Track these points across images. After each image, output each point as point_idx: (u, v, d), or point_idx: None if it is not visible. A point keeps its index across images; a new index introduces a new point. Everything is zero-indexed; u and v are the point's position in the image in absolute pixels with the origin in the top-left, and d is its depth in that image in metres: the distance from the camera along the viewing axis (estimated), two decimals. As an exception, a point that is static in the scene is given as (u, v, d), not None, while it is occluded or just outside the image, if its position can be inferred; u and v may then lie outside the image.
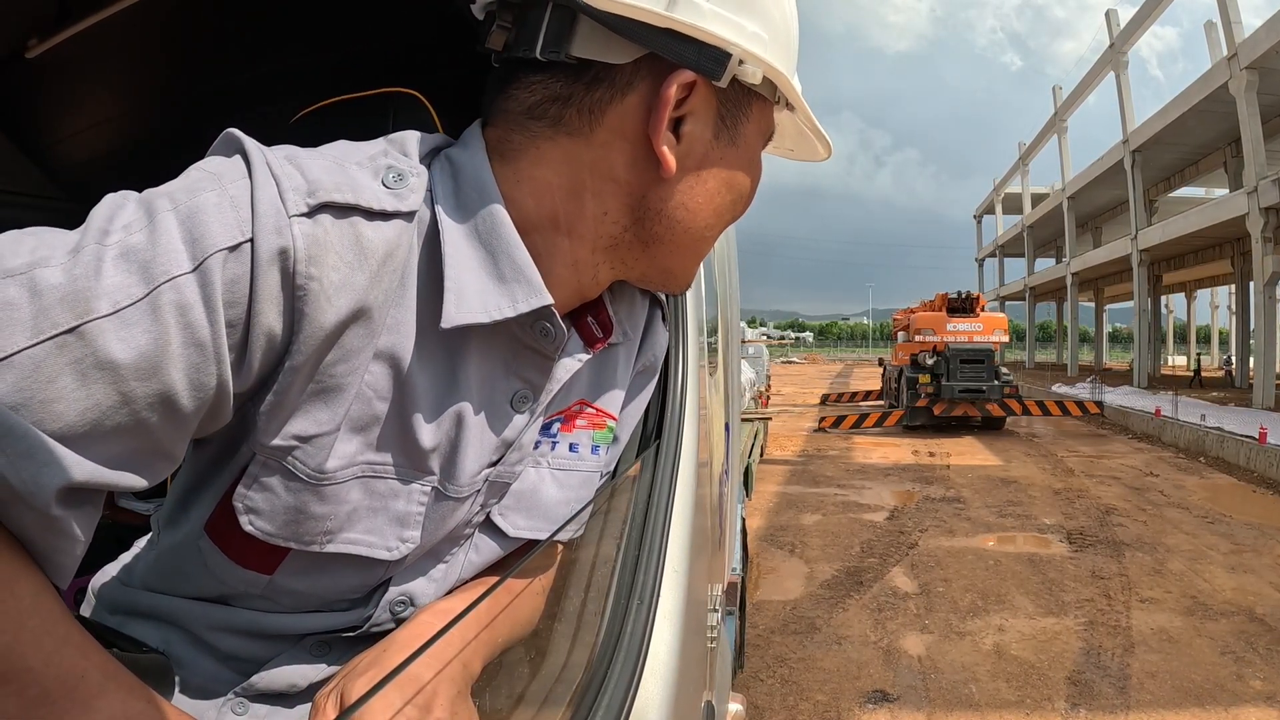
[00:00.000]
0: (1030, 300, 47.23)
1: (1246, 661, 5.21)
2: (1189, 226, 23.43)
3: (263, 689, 0.79)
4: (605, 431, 0.89)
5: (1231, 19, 19.86)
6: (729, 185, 0.81)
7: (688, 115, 0.75)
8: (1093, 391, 22.78)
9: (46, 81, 2.03)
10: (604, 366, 0.90)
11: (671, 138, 0.75)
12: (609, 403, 0.90)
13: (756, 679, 4.94)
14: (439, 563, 0.84)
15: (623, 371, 0.92)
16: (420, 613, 0.83)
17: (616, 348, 0.91)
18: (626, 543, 0.95)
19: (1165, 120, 24.06)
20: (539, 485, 0.85)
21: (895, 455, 14.51)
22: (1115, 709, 4.58)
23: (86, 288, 0.53)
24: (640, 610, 0.88)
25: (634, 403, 0.96)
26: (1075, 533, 8.61)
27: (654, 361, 0.97)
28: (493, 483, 0.82)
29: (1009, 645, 5.51)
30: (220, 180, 0.60)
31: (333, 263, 0.62)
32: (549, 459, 0.86)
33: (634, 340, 0.93)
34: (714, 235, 0.84)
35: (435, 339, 0.72)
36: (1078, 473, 12.55)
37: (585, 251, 0.78)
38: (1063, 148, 38.24)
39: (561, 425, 0.87)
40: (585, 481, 0.88)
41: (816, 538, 8.41)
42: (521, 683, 0.91)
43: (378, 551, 0.76)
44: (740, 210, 0.85)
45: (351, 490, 0.72)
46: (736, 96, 0.78)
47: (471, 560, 0.85)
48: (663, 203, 0.77)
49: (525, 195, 0.75)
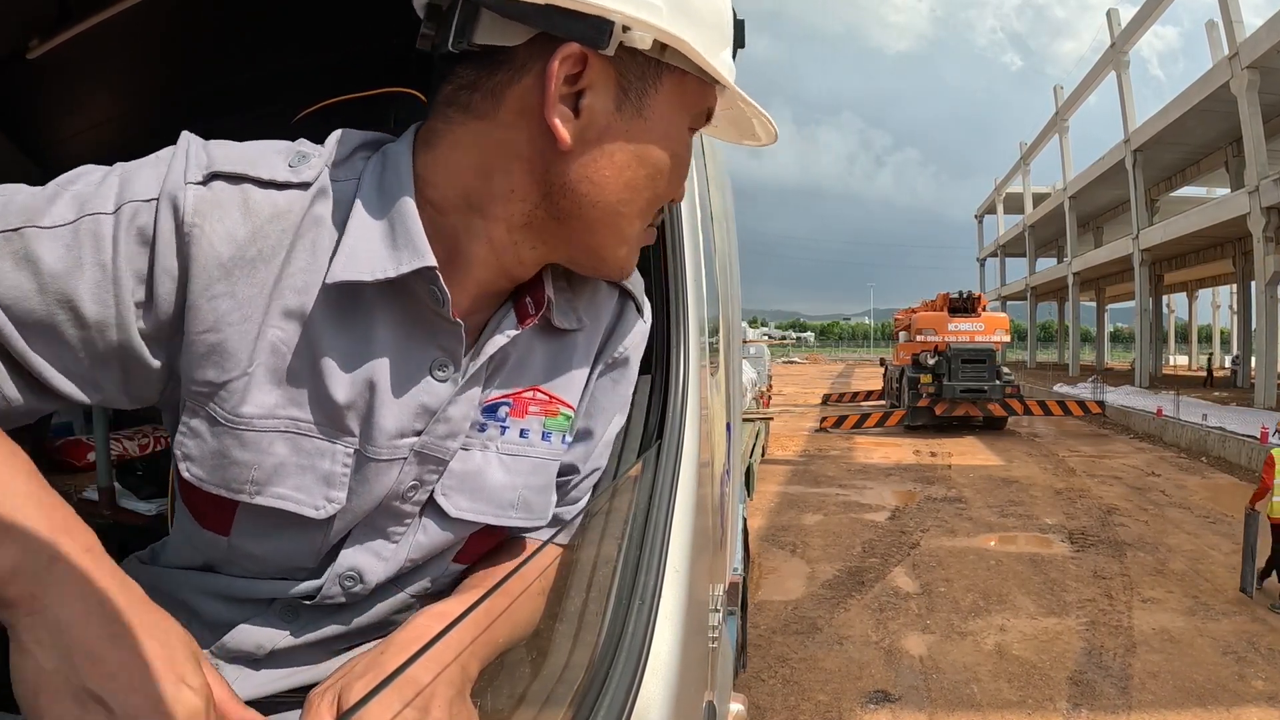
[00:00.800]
0: (1031, 300, 47.23)
1: (1248, 662, 5.21)
2: (1190, 226, 23.43)
3: (232, 649, 0.85)
4: (558, 419, 0.90)
5: (1232, 18, 19.86)
6: (639, 158, 0.81)
7: (586, 89, 0.77)
8: (1094, 391, 22.77)
9: (47, 82, 2.03)
10: (560, 354, 0.91)
11: (567, 111, 0.77)
12: (565, 390, 0.91)
13: (758, 679, 4.94)
14: (386, 541, 0.86)
15: (581, 360, 0.93)
16: (417, 615, 0.83)
17: (574, 335, 0.92)
18: (628, 543, 0.94)
19: (1166, 120, 24.06)
20: (485, 468, 0.87)
21: (897, 455, 14.50)
22: (1117, 709, 4.58)
23: (38, 207, 0.71)
24: (641, 610, 0.88)
25: (609, 397, 0.96)
26: (1077, 533, 8.61)
27: (625, 354, 0.96)
28: (421, 454, 0.84)
29: (1011, 645, 5.50)
30: (158, 159, 0.77)
31: (218, 216, 0.74)
32: (498, 443, 0.87)
33: (596, 330, 0.94)
34: (634, 212, 0.83)
35: (348, 301, 0.78)
36: (1079, 472, 12.55)
37: (501, 230, 0.81)
38: (1064, 147, 38.23)
39: (511, 410, 0.88)
40: (536, 469, 0.89)
41: (818, 538, 8.41)
42: (523, 683, 0.91)
43: (305, 509, 0.80)
44: (664, 187, 0.84)
45: (275, 443, 0.78)
46: (640, 68, 0.78)
47: (419, 541, 0.87)
48: (566, 177, 0.79)
49: (441, 177, 0.80)
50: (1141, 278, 27.76)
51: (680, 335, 1.17)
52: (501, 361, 0.87)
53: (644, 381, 1.14)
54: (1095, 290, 41.76)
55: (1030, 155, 45.67)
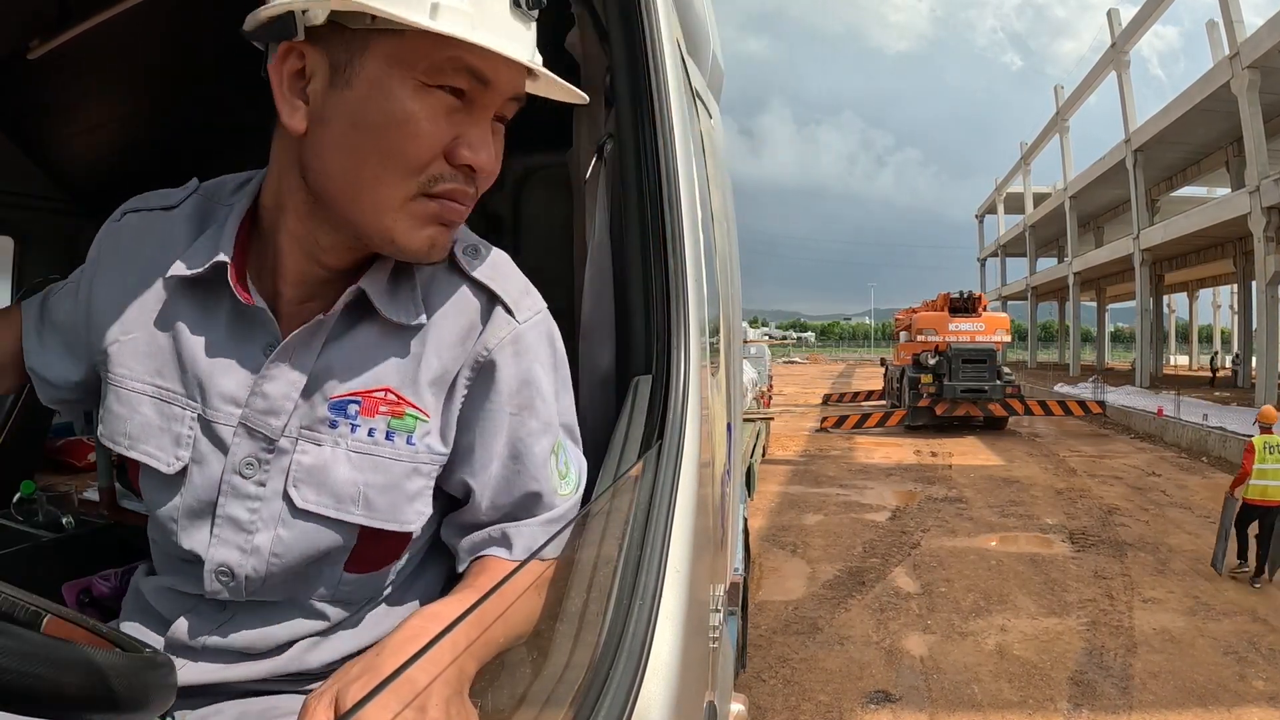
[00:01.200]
0: (1032, 300, 47.18)
1: (1249, 662, 5.21)
2: (1191, 226, 23.40)
3: (173, 640, 0.97)
4: (404, 419, 0.93)
5: (1233, 18, 19.84)
6: (355, 125, 0.84)
7: (311, 76, 0.85)
8: (1095, 391, 22.76)
9: (48, 82, 2.03)
10: (411, 355, 0.95)
11: (298, 101, 0.86)
12: (416, 393, 0.94)
13: (759, 679, 4.94)
14: (242, 530, 0.94)
15: (436, 362, 0.95)
16: (412, 617, 0.85)
17: (425, 336, 0.95)
18: (628, 543, 0.94)
19: (1167, 120, 24.02)
20: (331, 464, 0.92)
21: (897, 455, 14.50)
22: (1118, 709, 4.58)
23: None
24: (642, 610, 0.88)
25: (487, 408, 0.96)
26: (1078, 533, 8.60)
27: (489, 357, 0.96)
28: (249, 429, 0.93)
29: (1011, 645, 5.50)
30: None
31: (108, 233, 1.04)
32: (348, 440, 0.92)
33: (455, 332, 0.96)
34: (374, 178, 0.86)
35: (200, 292, 0.96)
36: (1080, 472, 12.54)
37: (294, 221, 0.92)
38: (1064, 147, 38.18)
39: (362, 409, 0.93)
40: (379, 467, 0.93)
41: (818, 538, 8.41)
42: (523, 683, 0.91)
43: (159, 464, 0.95)
44: (409, 149, 0.85)
45: (143, 404, 0.96)
46: (347, 42, 0.83)
47: (282, 536, 0.93)
48: (308, 160, 0.88)
49: (265, 186, 0.97)
50: (1142, 278, 27.73)
51: (680, 335, 1.16)
52: (346, 357, 0.93)
53: (644, 381, 1.14)
54: (1096, 290, 41.73)
55: (1031, 155, 45.62)
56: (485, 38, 0.82)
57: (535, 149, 2.01)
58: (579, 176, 1.49)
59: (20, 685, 0.57)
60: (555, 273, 1.93)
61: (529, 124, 1.95)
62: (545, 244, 1.97)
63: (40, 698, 0.58)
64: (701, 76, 2.13)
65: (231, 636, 0.96)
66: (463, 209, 0.91)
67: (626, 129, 1.24)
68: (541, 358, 1.00)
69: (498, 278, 0.99)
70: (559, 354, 1.04)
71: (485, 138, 0.88)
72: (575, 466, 1.03)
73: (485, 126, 0.89)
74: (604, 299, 1.26)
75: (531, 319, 0.99)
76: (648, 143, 1.22)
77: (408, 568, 1.04)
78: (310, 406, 0.93)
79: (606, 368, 1.25)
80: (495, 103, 0.89)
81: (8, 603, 0.67)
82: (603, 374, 1.25)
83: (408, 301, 0.95)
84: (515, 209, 2.04)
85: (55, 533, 2.05)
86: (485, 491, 0.97)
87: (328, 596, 0.98)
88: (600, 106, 1.39)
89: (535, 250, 2.00)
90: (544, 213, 2.00)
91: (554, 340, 1.03)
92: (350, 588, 0.98)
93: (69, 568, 1.57)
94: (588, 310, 1.29)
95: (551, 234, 1.94)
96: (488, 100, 0.88)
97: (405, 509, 0.94)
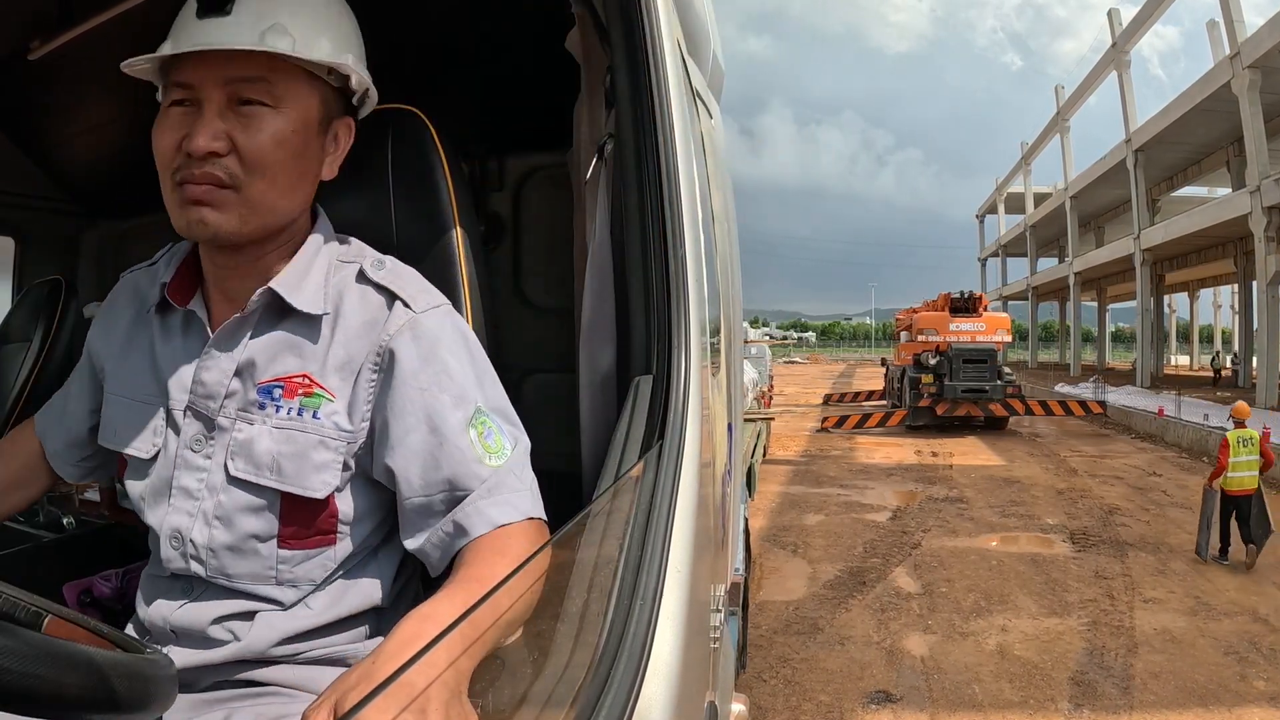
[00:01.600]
0: (1033, 300, 47.14)
1: (1250, 662, 5.20)
2: (1191, 226, 23.39)
3: (147, 621, 1.13)
4: (313, 398, 1.08)
5: (1234, 18, 19.83)
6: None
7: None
8: (1095, 391, 22.75)
9: (49, 83, 2.03)
10: (320, 343, 1.10)
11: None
12: (325, 375, 1.09)
13: (759, 679, 4.94)
14: (191, 498, 1.10)
15: (338, 350, 1.09)
16: (405, 621, 0.86)
17: (326, 326, 1.10)
18: (629, 543, 0.94)
19: (1168, 119, 24.01)
20: (257, 438, 1.08)
21: (898, 455, 14.50)
22: (1119, 709, 4.58)
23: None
24: (643, 611, 0.88)
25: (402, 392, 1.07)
26: (1078, 533, 8.60)
27: (387, 345, 1.08)
28: (195, 411, 1.12)
29: (1012, 646, 5.50)
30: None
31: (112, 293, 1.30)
32: (273, 419, 1.08)
33: (356, 324, 1.10)
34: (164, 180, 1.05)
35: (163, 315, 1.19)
36: (1081, 473, 12.53)
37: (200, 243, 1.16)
38: (1065, 147, 38.15)
39: (284, 392, 1.09)
40: (290, 439, 1.07)
41: (819, 538, 8.40)
42: (524, 683, 0.91)
43: (140, 453, 1.15)
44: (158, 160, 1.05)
45: (131, 407, 1.18)
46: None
47: (221, 501, 1.09)
48: None
49: None
50: (1143, 277, 27.73)
51: (681, 335, 1.16)
52: (268, 349, 1.10)
53: (645, 382, 1.14)
54: (1096, 290, 41.69)
55: (1031, 155, 45.59)
56: (169, 48, 1.03)
57: (535, 149, 2.01)
58: (579, 177, 1.49)
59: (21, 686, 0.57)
60: (556, 273, 1.93)
61: (529, 124, 1.96)
62: (545, 244, 1.97)
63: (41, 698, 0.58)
64: (702, 76, 2.13)
65: (193, 615, 1.10)
66: (199, 188, 1.02)
67: (627, 129, 1.24)
68: (446, 343, 1.10)
69: (397, 280, 1.13)
70: (470, 343, 1.14)
71: (201, 126, 1.01)
72: (509, 441, 1.09)
73: (207, 117, 1.02)
74: (604, 299, 1.26)
75: (428, 310, 1.11)
76: (648, 143, 1.22)
77: (350, 563, 1.13)
78: (244, 391, 1.10)
79: (607, 368, 1.25)
80: (212, 95, 1.02)
81: (9, 603, 0.67)
82: (603, 374, 1.25)
83: (317, 296, 1.11)
84: (515, 209, 2.04)
85: (56, 533, 2.05)
86: (411, 467, 1.06)
87: (272, 577, 1.09)
88: (601, 107, 1.39)
89: (535, 250, 2.00)
90: (544, 213, 2.00)
91: (461, 330, 1.14)
92: (288, 566, 1.10)
93: (70, 568, 1.57)
94: (588, 310, 1.29)
95: (552, 234, 1.94)
96: (204, 95, 1.03)
97: (311, 476, 1.07)
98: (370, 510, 1.13)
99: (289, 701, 1.09)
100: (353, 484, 1.11)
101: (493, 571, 0.93)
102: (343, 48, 1.11)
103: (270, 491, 1.08)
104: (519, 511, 1.04)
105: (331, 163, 1.16)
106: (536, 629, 0.90)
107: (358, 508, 1.11)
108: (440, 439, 1.05)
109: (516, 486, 1.06)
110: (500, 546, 1.00)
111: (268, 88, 1.04)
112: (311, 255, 1.14)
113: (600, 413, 1.24)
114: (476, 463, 1.05)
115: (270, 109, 1.04)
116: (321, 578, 1.11)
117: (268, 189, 1.05)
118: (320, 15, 1.09)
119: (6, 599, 0.67)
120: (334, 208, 1.25)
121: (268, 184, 1.05)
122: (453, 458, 1.04)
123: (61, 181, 2.54)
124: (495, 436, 1.08)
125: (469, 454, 1.05)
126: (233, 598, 1.10)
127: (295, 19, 1.04)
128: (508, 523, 1.02)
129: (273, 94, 1.04)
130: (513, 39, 1.86)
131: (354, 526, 1.12)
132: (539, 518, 1.06)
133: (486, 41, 1.89)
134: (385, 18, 1.86)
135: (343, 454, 1.08)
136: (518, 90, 1.94)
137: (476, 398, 1.08)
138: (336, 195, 1.25)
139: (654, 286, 1.18)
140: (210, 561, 1.09)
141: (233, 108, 1.03)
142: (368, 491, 1.12)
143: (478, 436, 1.06)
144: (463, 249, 1.39)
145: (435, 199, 1.40)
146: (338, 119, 1.16)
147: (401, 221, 1.40)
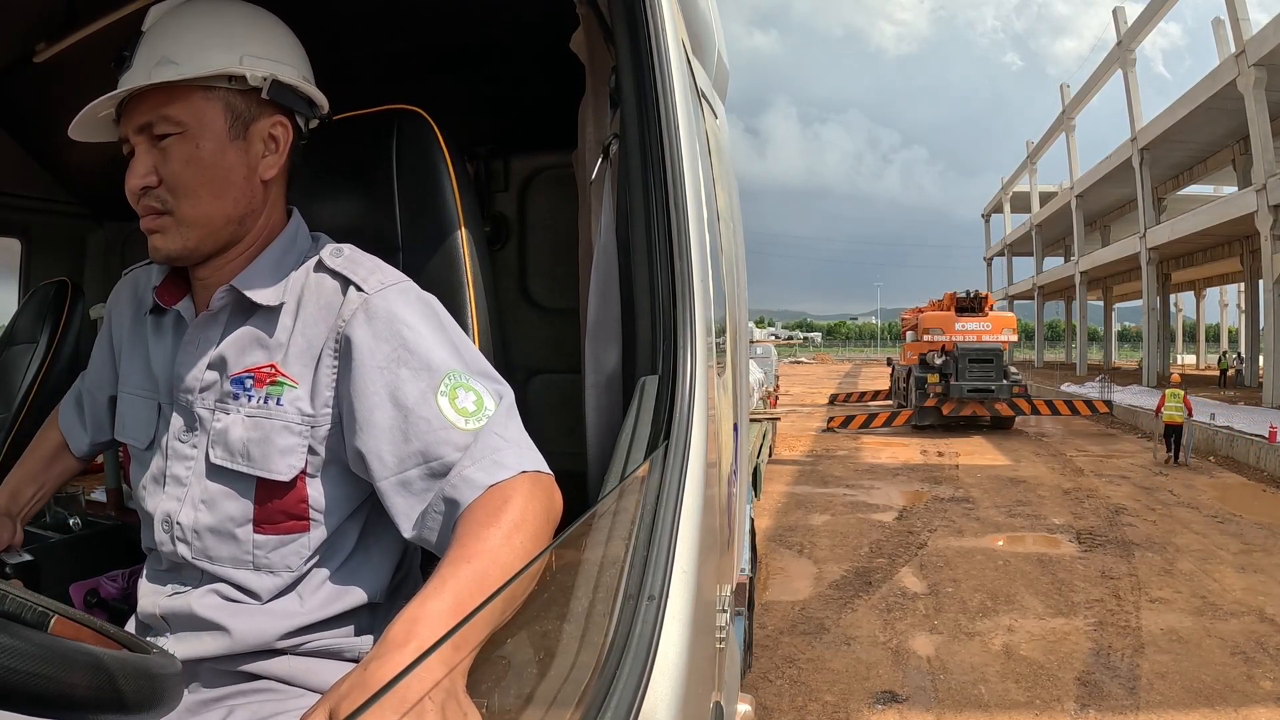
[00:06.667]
0: (1039, 299, 47.04)
1: (1257, 662, 5.18)
2: (1198, 224, 23.31)
3: (142, 613, 1.20)
4: (278, 386, 1.14)
5: (1239, 16, 19.76)
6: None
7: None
8: (1102, 391, 22.67)
9: (54, 85, 2.04)
10: (283, 336, 1.15)
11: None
12: (290, 364, 1.14)
13: (765, 679, 4.93)
14: (179, 485, 1.18)
15: (298, 339, 1.15)
16: (395, 622, 0.85)
17: (291, 322, 1.15)
18: (635, 543, 0.94)
19: (1173, 118, 23.93)
20: (231, 426, 1.14)
21: (904, 455, 14.47)
22: (1125, 709, 4.56)
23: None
24: (649, 610, 0.88)
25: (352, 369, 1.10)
26: (1085, 532, 8.57)
27: (344, 329, 1.12)
28: (180, 405, 1.20)
29: (1018, 646, 5.49)
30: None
31: (115, 290, 1.40)
32: (246, 409, 1.14)
33: (312, 311, 1.15)
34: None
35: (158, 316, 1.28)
36: (1087, 472, 12.50)
37: None
38: (1071, 146, 38.07)
39: (255, 382, 1.15)
40: (258, 425, 1.13)
41: (825, 538, 8.39)
42: (530, 683, 0.91)
43: (138, 442, 1.27)
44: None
45: (136, 403, 1.29)
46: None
47: (206, 486, 1.16)
48: None
49: None
50: (1149, 276, 27.64)
51: (687, 336, 1.16)
52: (238, 343, 1.16)
53: (651, 382, 1.14)
54: (1102, 289, 41.60)
55: (1037, 154, 45.46)
56: (88, 110, 1.11)
57: (540, 150, 2.01)
58: (584, 177, 1.49)
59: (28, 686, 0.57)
60: (561, 273, 1.93)
61: (534, 125, 1.96)
62: (551, 244, 1.97)
63: (48, 698, 0.58)
64: (707, 76, 2.12)
65: (181, 601, 1.16)
66: (147, 219, 1.13)
67: (632, 129, 1.23)
68: (402, 316, 1.12)
69: (350, 266, 1.17)
70: (435, 311, 1.16)
71: (131, 168, 1.11)
72: (492, 398, 1.10)
73: (137, 157, 1.12)
74: (610, 299, 1.26)
75: (381, 289, 1.14)
76: (653, 143, 1.21)
77: (330, 553, 1.17)
78: (221, 384, 1.16)
79: (613, 368, 1.25)
80: (137, 140, 1.12)
81: (16, 603, 0.68)
82: (609, 375, 1.25)
83: (276, 289, 1.17)
84: (521, 210, 2.04)
85: (63, 534, 2.05)
86: (382, 445, 1.08)
87: (249, 562, 1.14)
88: (606, 107, 1.39)
89: (541, 251, 2.00)
90: (550, 213, 2.00)
91: (423, 301, 1.16)
92: (263, 551, 1.14)
93: (76, 569, 1.58)
94: (594, 311, 1.29)
95: (557, 234, 1.94)
96: (134, 141, 1.12)
97: (276, 460, 1.12)
98: (343, 499, 1.17)
99: (286, 699, 1.12)
100: (325, 472, 1.15)
101: (483, 543, 0.93)
102: (235, 49, 1.12)
103: (244, 476, 1.14)
104: (507, 468, 1.02)
105: (272, 162, 1.18)
106: (543, 628, 0.90)
107: (329, 495, 1.15)
108: (404, 412, 1.07)
109: (500, 445, 1.05)
110: (495, 508, 0.98)
111: (170, 116, 1.10)
112: (279, 253, 1.20)
113: (606, 413, 1.24)
114: (448, 429, 1.05)
115: (179, 135, 1.11)
116: (299, 565, 1.15)
117: (194, 206, 1.12)
118: (208, 28, 1.12)
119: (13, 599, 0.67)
120: (338, 208, 1.25)
121: (193, 202, 1.12)
122: (419, 429, 1.06)
123: (67, 183, 2.55)
124: (473, 398, 1.08)
125: (437, 422, 1.06)
126: (216, 583, 1.16)
127: (179, 44, 1.10)
128: (496, 482, 1.01)
129: (177, 121, 1.10)
130: (517, 39, 1.86)
131: (327, 514, 1.16)
132: (534, 470, 1.04)
133: (491, 42, 1.89)
134: (390, 19, 1.87)
135: (306, 438, 1.13)
136: (522, 91, 1.94)
137: (446, 364, 1.09)
138: (341, 196, 1.26)
139: (659, 287, 1.18)
140: (195, 543, 1.16)
141: (155, 144, 1.11)
142: (341, 480, 1.16)
143: (449, 403, 1.07)
144: (468, 249, 1.39)
145: (440, 199, 1.40)
146: (260, 120, 1.16)
147: (406, 222, 1.40)
